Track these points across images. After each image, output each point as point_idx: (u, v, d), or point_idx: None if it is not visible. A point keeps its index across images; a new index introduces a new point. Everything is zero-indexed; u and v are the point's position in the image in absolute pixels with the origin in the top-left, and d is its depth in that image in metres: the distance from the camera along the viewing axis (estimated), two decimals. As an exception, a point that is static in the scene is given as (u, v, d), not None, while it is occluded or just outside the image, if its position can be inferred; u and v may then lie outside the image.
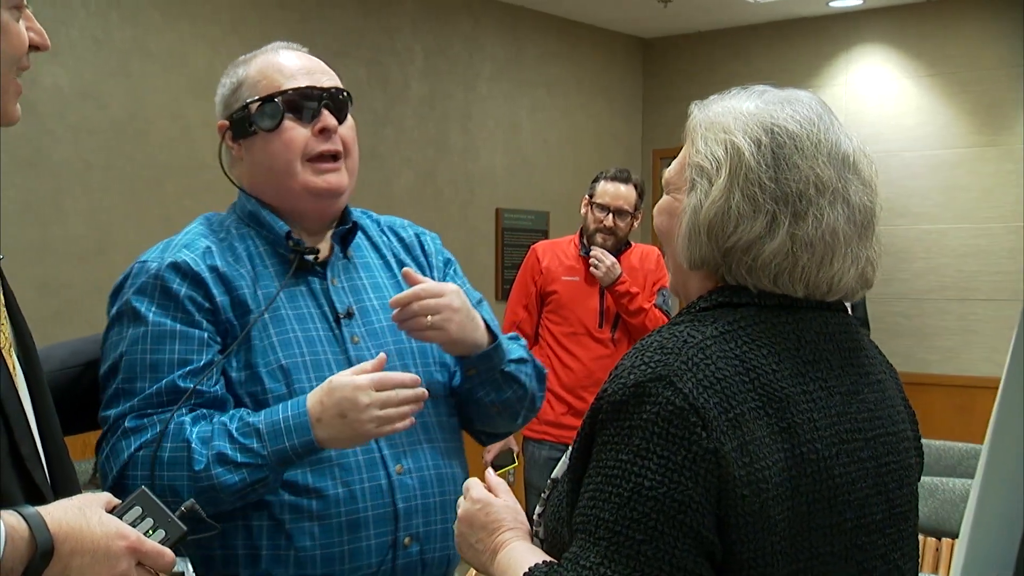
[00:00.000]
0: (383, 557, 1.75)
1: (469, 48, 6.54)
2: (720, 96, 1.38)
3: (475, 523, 1.46)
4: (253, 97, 1.83)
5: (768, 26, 7.18)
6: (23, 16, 1.34)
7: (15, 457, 1.28)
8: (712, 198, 1.29)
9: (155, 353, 1.70)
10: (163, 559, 1.31)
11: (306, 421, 1.65)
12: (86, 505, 1.28)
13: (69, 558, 1.23)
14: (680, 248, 1.34)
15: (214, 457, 1.64)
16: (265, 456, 1.65)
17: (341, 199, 1.87)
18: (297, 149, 1.81)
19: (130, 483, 1.64)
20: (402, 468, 1.78)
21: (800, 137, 1.30)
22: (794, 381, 1.27)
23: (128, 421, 1.67)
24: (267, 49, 1.90)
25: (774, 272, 1.29)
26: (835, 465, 1.26)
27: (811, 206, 1.28)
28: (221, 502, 1.65)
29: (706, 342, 1.25)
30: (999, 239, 6.39)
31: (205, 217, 1.90)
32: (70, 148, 4.70)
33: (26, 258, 4.51)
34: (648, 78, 7.73)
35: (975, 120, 6.51)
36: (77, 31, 4.72)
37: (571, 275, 4.29)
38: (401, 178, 6.13)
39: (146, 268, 1.76)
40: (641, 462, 1.20)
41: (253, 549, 1.72)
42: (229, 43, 5.27)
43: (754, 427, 1.22)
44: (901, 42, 6.75)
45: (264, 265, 1.81)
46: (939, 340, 6.56)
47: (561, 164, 7.06)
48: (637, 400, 1.22)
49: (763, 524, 1.20)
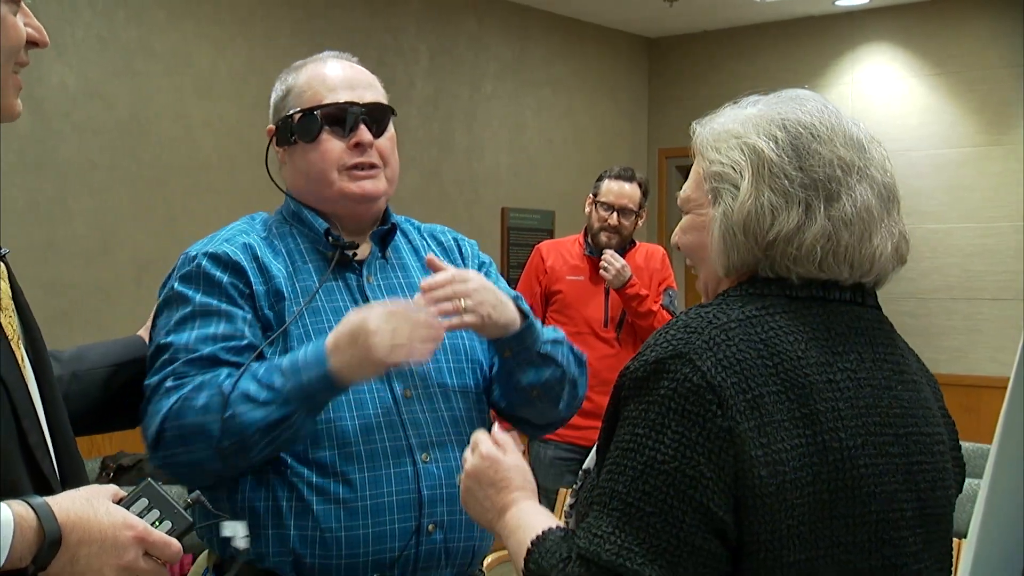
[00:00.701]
0: (406, 542, 1.78)
1: (474, 48, 6.54)
2: (716, 113, 1.40)
3: (483, 479, 1.47)
4: (296, 108, 1.91)
5: (774, 25, 7.18)
6: (21, 11, 1.34)
7: (24, 448, 1.30)
8: (740, 200, 1.30)
9: (201, 328, 1.77)
10: (170, 549, 1.33)
11: (322, 352, 1.70)
12: (93, 496, 1.29)
13: (77, 548, 1.24)
14: (716, 256, 1.34)
15: (239, 396, 1.69)
16: (285, 392, 1.68)
17: (378, 203, 1.93)
18: (333, 161, 1.89)
19: (167, 435, 1.69)
20: (428, 457, 1.82)
21: (813, 125, 1.33)
22: (819, 369, 1.28)
23: (169, 381, 1.74)
24: (318, 58, 1.97)
25: (819, 256, 1.30)
26: (860, 456, 1.27)
27: (842, 186, 1.31)
28: (251, 445, 1.69)
29: (730, 324, 1.27)
30: (1005, 238, 6.38)
31: (249, 217, 1.97)
32: (75, 148, 4.70)
33: (31, 258, 4.52)
34: (654, 77, 7.73)
35: (981, 119, 6.50)
36: (82, 30, 4.73)
37: (576, 274, 4.29)
38: (406, 178, 6.12)
39: (189, 259, 1.85)
40: (656, 436, 1.23)
41: (281, 528, 1.76)
42: (234, 43, 5.28)
43: (773, 410, 1.23)
44: (907, 41, 6.74)
45: (304, 261, 1.88)
46: (945, 340, 6.55)
47: (566, 163, 7.06)
48: (656, 376, 1.25)
49: (780, 506, 1.22)
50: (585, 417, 4.27)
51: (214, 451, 1.68)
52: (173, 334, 1.78)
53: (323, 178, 1.89)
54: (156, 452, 1.72)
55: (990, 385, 6.13)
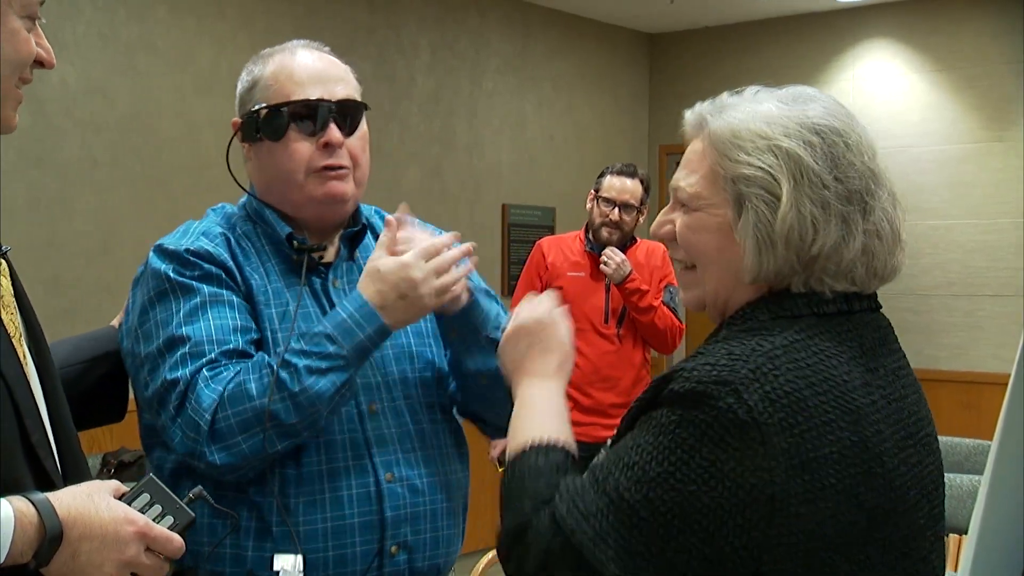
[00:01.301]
0: (368, 565, 1.73)
1: (475, 44, 6.54)
2: (723, 103, 1.34)
3: (532, 333, 1.48)
4: (262, 103, 1.81)
5: (775, 21, 7.17)
6: (34, 31, 1.35)
7: (26, 444, 1.30)
8: (783, 210, 1.24)
9: (217, 319, 1.71)
10: (171, 544, 1.33)
11: (371, 310, 1.68)
12: (95, 491, 1.30)
13: (78, 543, 1.25)
14: (748, 264, 1.28)
15: (302, 371, 1.65)
16: (345, 355, 1.66)
17: (346, 206, 1.85)
18: (300, 162, 1.80)
19: (222, 426, 1.64)
20: (392, 476, 1.76)
21: (846, 133, 1.29)
22: (863, 392, 1.24)
23: (206, 371, 1.67)
24: (286, 48, 1.86)
25: (855, 272, 1.27)
26: (896, 477, 1.24)
27: (875, 200, 1.28)
28: (321, 416, 1.67)
29: (775, 352, 1.22)
30: (1006, 235, 6.37)
31: (213, 210, 1.90)
32: (76, 145, 4.70)
33: (33, 255, 4.52)
34: (655, 74, 7.73)
35: (982, 116, 6.50)
36: (84, 27, 4.73)
37: (576, 271, 4.30)
38: (407, 174, 6.13)
39: (170, 252, 1.77)
40: (682, 455, 1.18)
41: (239, 548, 1.71)
42: (236, 40, 5.28)
43: (821, 443, 1.19)
44: (908, 37, 6.73)
45: (271, 263, 1.82)
46: (946, 336, 6.55)
47: (567, 160, 7.06)
48: (697, 398, 1.19)
49: (819, 542, 1.18)
50: (587, 413, 4.29)
51: (282, 432, 1.64)
52: (188, 325, 1.70)
53: (289, 180, 1.80)
54: (214, 444, 1.64)
55: (991, 382, 6.13)
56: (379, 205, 2.05)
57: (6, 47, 1.31)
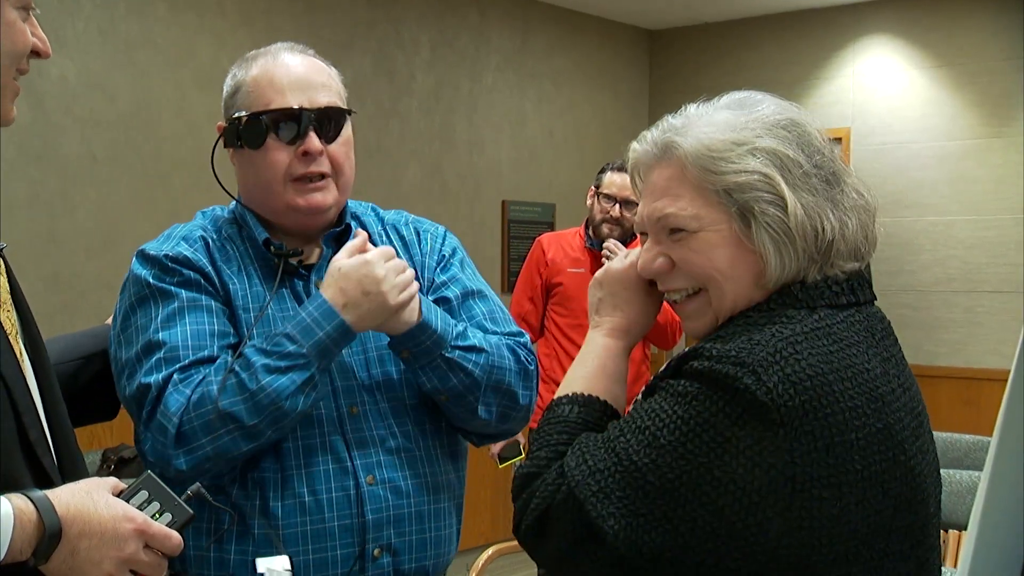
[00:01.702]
0: (349, 568, 1.73)
1: (475, 40, 6.53)
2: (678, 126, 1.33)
3: (611, 286, 1.45)
4: (243, 111, 1.82)
5: (775, 17, 7.17)
6: (29, 21, 1.35)
7: (23, 442, 1.30)
8: (791, 207, 1.26)
9: (194, 324, 1.72)
10: (170, 541, 1.33)
11: (330, 308, 1.67)
12: (93, 489, 1.30)
13: (77, 540, 1.25)
14: (771, 266, 1.27)
15: (260, 370, 1.65)
16: (305, 353, 1.66)
17: (327, 215, 1.84)
18: (279, 171, 1.79)
19: (186, 428, 1.65)
20: (374, 479, 1.76)
21: (802, 122, 1.32)
22: (884, 380, 1.25)
23: (177, 375, 1.68)
24: (269, 51, 1.84)
25: (858, 247, 1.30)
26: (915, 465, 1.25)
27: (845, 175, 1.31)
28: (284, 415, 1.66)
29: (796, 337, 1.22)
30: (1006, 231, 6.37)
31: (201, 213, 1.91)
32: (76, 141, 4.70)
33: (33, 251, 4.52)
34: (655, 70, 7.72)
35: (982, 112, 6.49)
36: (83, 23, 4.72)
37: (577, 267, 4.30)
38: (407, 171, 6.13)
39: (151, 258, 1.78)
40: (696, 427, 1.19)
41: (222, 552, 1.72)
42: (236, 36, 5.27)
43: (847, 428, 1.19)
44: (909, 33, 6.73)
45: (254, 267, 1.82)
46: (946, 332, 6.55)
47: (567, 156, 7.06)
48: (714, 375, 1.19)
49: (840, 527, 1.19)
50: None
51: (245, 433, 1.64)
52: (164, 330, 1.71)
53: (269, 188, 1.80)
54: (179, 448, 1.65)
55: (990, 378, 6.13)
56: (378, 202, 2.04)
57: (3, 39, 1.31)
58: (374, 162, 5.83)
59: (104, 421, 1.89)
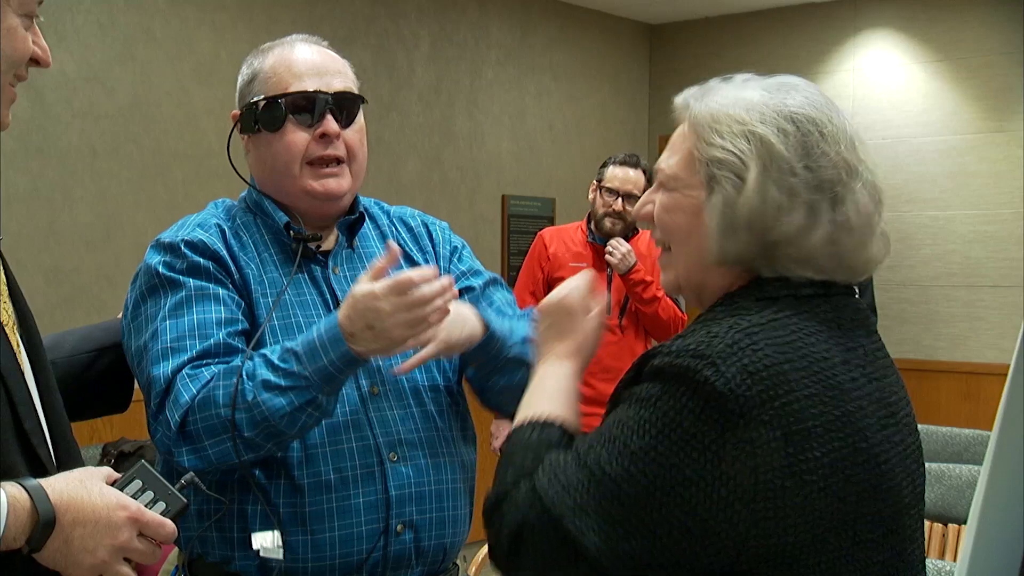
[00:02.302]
0: (374, 544, 1.75)
1: (475, 34, 6.53)
2: (709, 88, 1.36)
3: (553, 316, 1.49)
4: (261, 95, 1.84)
5: (775, 11, 7.16)
6: (32, 29, 1.35)
7: (19, 431, 1.30)
8: (747, 193, 1.27)
9: (201, 313, 1.72)
10: (164, 530, 1.34)
11: (338, 334, 1.63)
12: (87, 477, 1.31)
13: (71, 528, 1.26)
14: (711, 245, 1.30)
15: (259, 385, 1.63)
16: (307, 376, 1.63)
17: (342, 201, 1.87)
18: (297, 153, 1.82)
19: (191, 428, 1.64)
20: (396, 456, 1.78)
21: (822, 123, 1.29)
22: (844, 369, 1.26)
23: (187, 370, 1.68)
24: (285, 42, 1.89)
25: (820, 261, 1.28)
26: (880, 452, 1.26)
27: (847, 191, 1.28)
28: (280, 432, 1.64)
29: (753, 328, 1.23)
30: (1006, 226, 6.37)
31: (214, 204, 1.92)
32: (76, 134, 4.70)
33: (33, 245, 4.52)
34: (654, 64, 7.72)
35: (983, 106, 6.49)
36: (83, 16, 4.72)
37: (578, 261, 4.30)
38: (407, 165, 6.13)
39: (166, 245, 1.79)
40: (661, 427, 1.19)
41: (246, 531, 1.73)
42: (235, 29, 5.27)
43: (805, 416, 1.20)
44: (909, 27, 6.72)
45: (269, 253, 1.83)
46: (946, 327, 6.56)
47: (567, 150, 7.06)
48: (676, 371, 1.21)
49: (805, 516, 1.19)
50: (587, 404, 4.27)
51: (243, 442, 1.64)
52: (171, 319, 1.72)
53: (286, 171, 1.82)
54: (182, 446, 1.65)
55: (990, 372, 6.13)
56: (379, 196, 2.06)
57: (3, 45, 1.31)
58: (374, 156, 5.80)
59: (116, 413, 1.91)
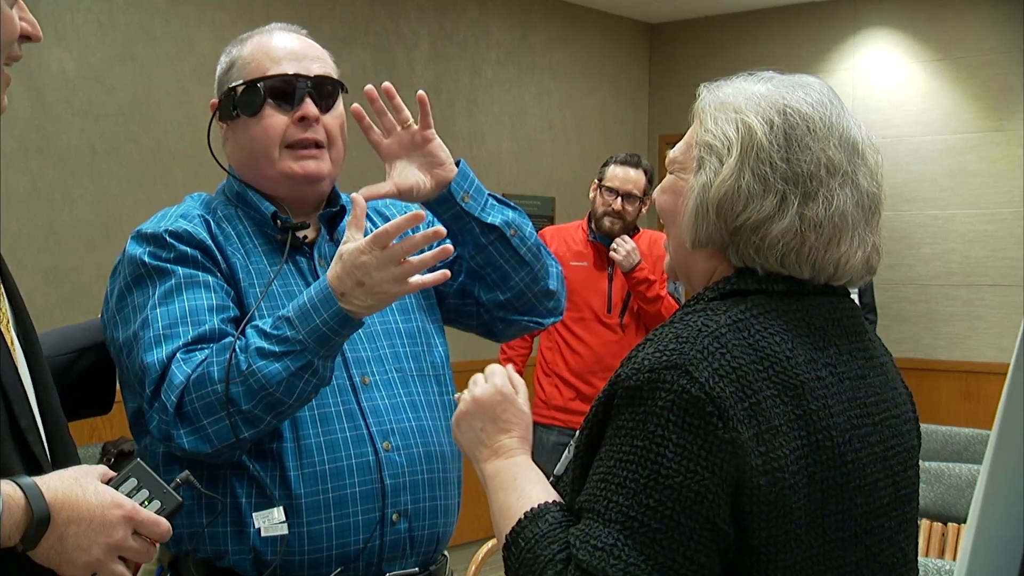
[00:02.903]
0: (370, 534, 1.74)
1: (475, 33, 6.53)
2: (730, 79, 1.38)
3: (486, 411, 1.43)
4: (239, 80, 1.84)
5: (775, 11, 7.16)
6: (17, 5, 1.34)
7: (14, 429, 1.30)
8: (722, 176, 1.29)
9: (192, 300, 1.70)
10: (159, 528, 1.34)
11: (330, 294, 1.62)
12: (82, 476, 1.30)
13: (65, 527, 1.25)
14: (686, 227, 1.33)
15: (253, 353, 1.62)
16: (301, 340, 1.61)
17: (321, 185, 1.85)
18: (276, 136, 1.81)
19: (188, 409, 1.63)
20: (390, 445, 1.77)
21: (812, 119, 1.30)
22: (807, 368, 1.27)
23: (180, 354, 1.66)
24: (264, 30, 1.89)
25: (781, 252, 1.29)
26: (847, 451, 1.27)
27: (821, 187, 1.29)
28: (279, 401, 1.62)
29: (721, 330, 1.25)
30: (1006, 225, 6.37)
31: (191, 197, 1.91)
32: (76, 133, 4.70)
33: (33, 244, 4.52)
34: (654, 63, 7.72)
35: (983, 105, 6.49)
36: (82, 15, 4.72)
37: (579, 260, 4.31)
38: (407, 164, 6.12)
39: (148, 236, 1.77)
40: (657, 449, 1.19)
41: (241, 524, 1.71)
42: (235, 28, 5.25)
43: (771, 415, 1.21)
44: (909, 26, 6.72)
45: (253, 244, 1.82)
46: (945, 326, 6.56)
47: (567, 150, 7.06)
48: (652, 387, 1.21)
49: (779, 513, 1.21)
50: (588, 403, 4.30)
51: (241, 417, 1.62)
52: (162, 306, 1.70)
53: (265, 155, 1.81)
54: (180, 428, 1.63)
55: (990, 371, 6.13)
56: (379, 195, 2.05)
57: None
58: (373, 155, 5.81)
59: (98, 415, 1.88)
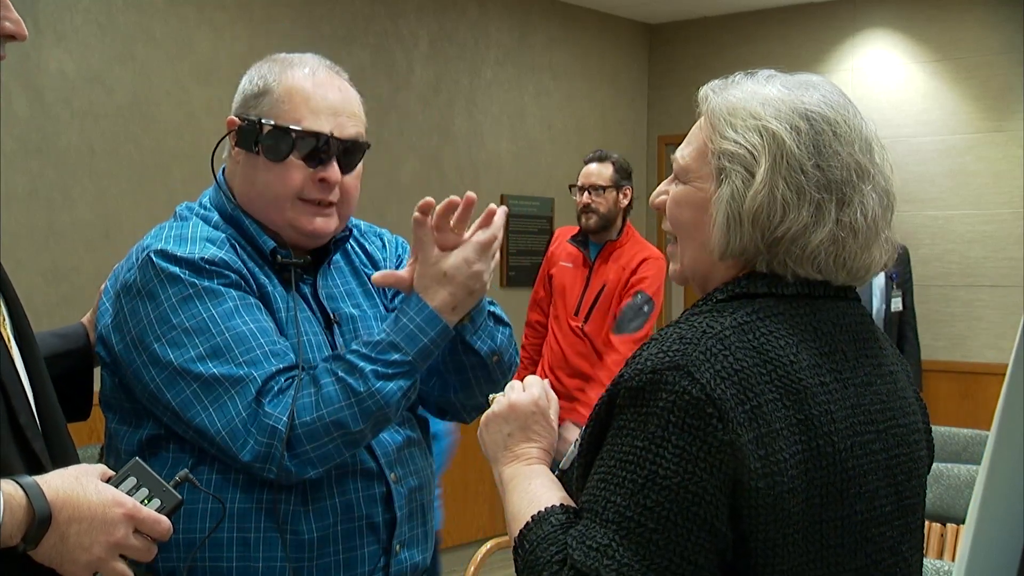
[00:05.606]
0: (375, 565, 1.74)
1: (475, 34, 6.53)
2: (731, 81, 1.36)
3: (519, 418, 1.45)
4: (270, 119, 1.75)
5: (775, 11, 7.16)
6: (2, 5, 1.32)
7: (14, 426, 1.30)
8: (755, 188, 1.26)
9: (257, 322, 1.69)
10: (159, 526, 1.34)
11: (433, 314, 1.71)
12: (82, 474, 1.30)
13: (67, 525, 1.26)
14: (716, 239, 1.30)
15: (370, 374, 1.66)
16: (411, 360, 1.69)
17: (324, 240, 1.83)
18: (292, 190, 1.76)
19: (300, 432, 1.62)
20: (396, 477, 1.78)
21: (837, 123, 1.29)
22: (811, 373, 1.26)
23: (277, 382, 1.65)
24: (306, 63, 1.80)
25: (822, 261, 1.28)
26: (848, 458, 1.26)
27: (855, 192, 1.29)
28: (387, 419, 1.69)
29: (724, 332, 1.24)
30: (1005, 225, 6.37)
31: (188, 209, 1.85)
32: (76, 134, 4.70)
33: (32, 244, 4.52)
34: (654, 64, 7.72)
35: (982, 105, 6.49)
36: (82, 16, 4.72)
37: (567, 261, 4.55)
38: (406, 165, 6.13)
39: (187, 260, 1.70)
40: (657, 449, 1.19)
41: (248, 560, 1.69)
42: (234, 28, 5.27)
43: (771, 419, 1.21)
44: (908, 27, 6.72)
45: (262, 271, 1.79)
46: (944, 327, 6.56)
47: (566, 150, 7.06)
48: (654, 387, 1.21)
49: (777, 516, 1.20)
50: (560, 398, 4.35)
51: (349, 440, 1.64)
52: (231, 331, 1.65)
53: (276, 203, 1.77)
54: (291, 452, 1.62)
55: (989, 372, 6.14)
56: (378, 196, 2.06)
57: None
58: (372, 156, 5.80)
59: (77, 421, 1.80)
